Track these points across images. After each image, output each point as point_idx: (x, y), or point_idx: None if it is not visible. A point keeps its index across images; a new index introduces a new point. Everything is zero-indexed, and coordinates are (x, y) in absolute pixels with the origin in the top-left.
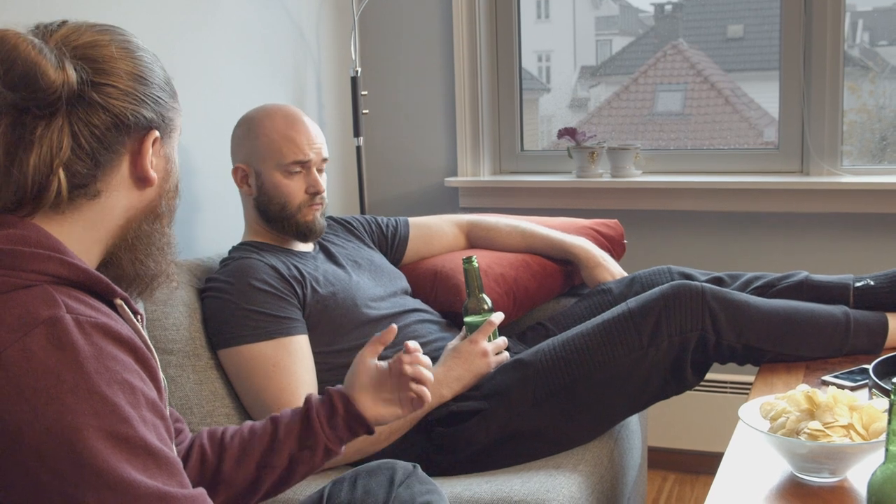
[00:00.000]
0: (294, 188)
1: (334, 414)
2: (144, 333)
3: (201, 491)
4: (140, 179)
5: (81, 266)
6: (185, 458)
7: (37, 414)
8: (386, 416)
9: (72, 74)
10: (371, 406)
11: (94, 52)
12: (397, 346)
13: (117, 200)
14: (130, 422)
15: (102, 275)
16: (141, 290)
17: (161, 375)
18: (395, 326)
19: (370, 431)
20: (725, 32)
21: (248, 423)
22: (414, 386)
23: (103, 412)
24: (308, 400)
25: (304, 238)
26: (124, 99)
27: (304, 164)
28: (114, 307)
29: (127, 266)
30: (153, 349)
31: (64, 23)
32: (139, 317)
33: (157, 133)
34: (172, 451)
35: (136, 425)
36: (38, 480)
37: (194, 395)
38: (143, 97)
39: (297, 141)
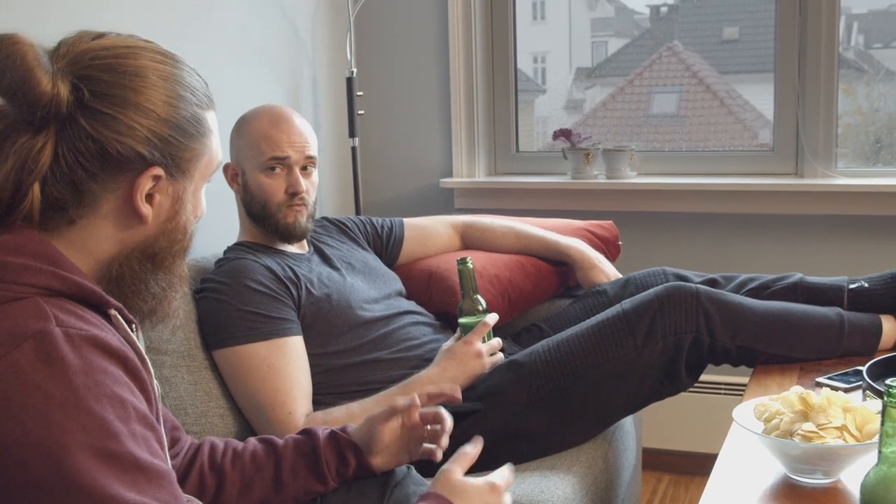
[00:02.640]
0: (274, 187)
1: (345, 465)
2: (139, 343)
3: (194, 501)
4: (131, 215)
5: (73, 278)
6: (184, 477)
7: (24, 430)
8: (394, 464)
9: (63, 93)
10: (381, 460)
11: (107, 75)
12: (393, 347)
13: (103, 230)
14: (119, 437)
15: (97, 287)
16: (138, 321)
17: (152, 387)
18: (417, 402)
19: (376, 475)
20: (721, 34)
21: (249, 446)
22: (426, 446)
23: (92, 428)
24: (315, 443)
25: (286, 239)
26: (122, 132)
27: (284, 162)
28: (108, 317)
29: (117, 298)
30: (147, 360)
31: (104, 35)
32: (133, 326)
33: (158, 171)
34: (165, 463)
35: (125, 441)
36: (26, 497)
37: (189, 396)
38: (147, 133)
39: (275, 139)
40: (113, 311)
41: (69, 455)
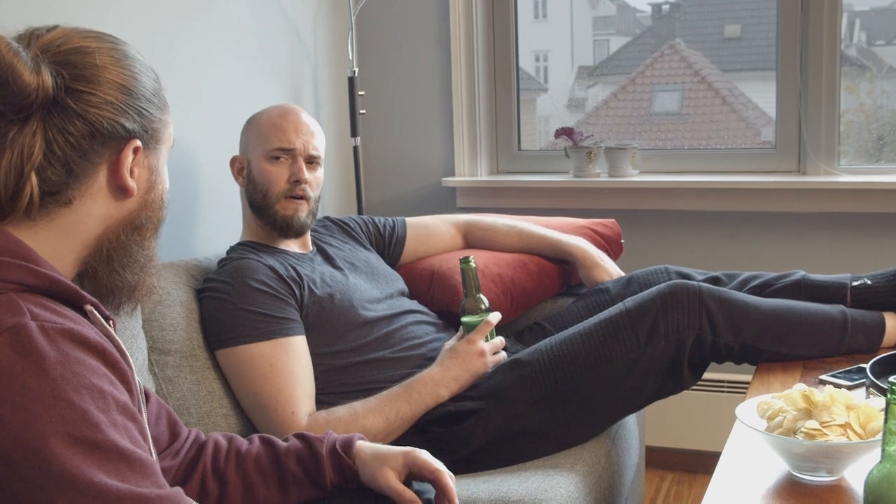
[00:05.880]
0: (277, 175)
1: (346, 483)
2: (117, 338)
3: (177, 490)
4: (119, 189)
5: (48, 274)
6: (186, 479)
7: (3, 422)
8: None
9: (47, 79)
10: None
11: (77, 58)
12: (396, 346)
13: (93, 209)
14: (100, 426)
15: (72, 283)
16: (120, 303)
17: (134, 379)
18: None
19: None
20: (723, 32)
21: (253, 450)
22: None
23: (71, 418)
24: (319, 462)
25: (283, 233)
26: (103, 107)
27: (289, 152)
28: (84, 314)
29: (104, 277)
30: (126, 353)
31: (55, 27)
32: (111, 322)
33: (137, 143)
34: (146, 452)
35: (106, 429)
36: (9, 489)
37: (192, 396)
38: (124, 107)
39: (283, 128)
40: (89, 307)
41: (49, 445)
